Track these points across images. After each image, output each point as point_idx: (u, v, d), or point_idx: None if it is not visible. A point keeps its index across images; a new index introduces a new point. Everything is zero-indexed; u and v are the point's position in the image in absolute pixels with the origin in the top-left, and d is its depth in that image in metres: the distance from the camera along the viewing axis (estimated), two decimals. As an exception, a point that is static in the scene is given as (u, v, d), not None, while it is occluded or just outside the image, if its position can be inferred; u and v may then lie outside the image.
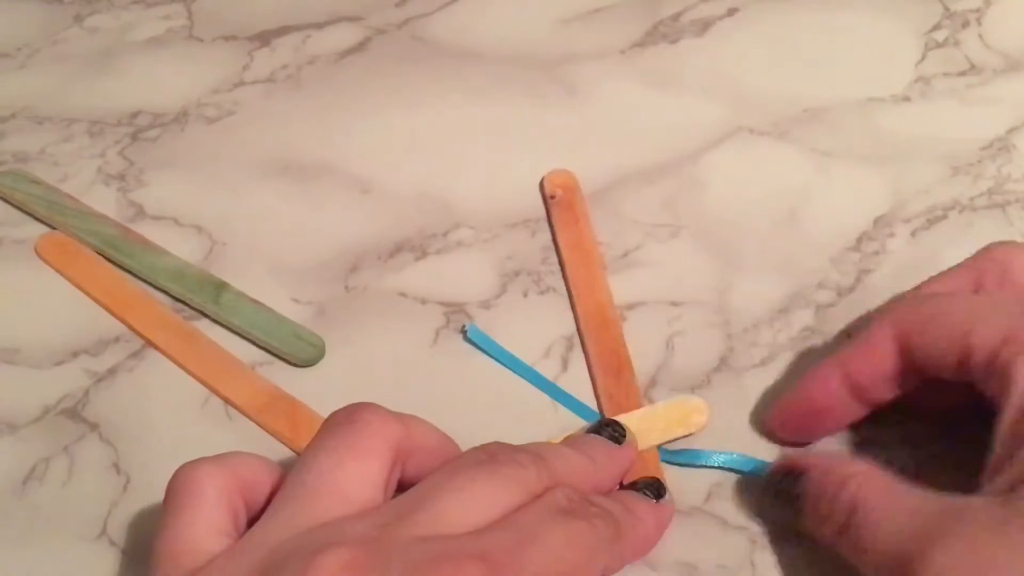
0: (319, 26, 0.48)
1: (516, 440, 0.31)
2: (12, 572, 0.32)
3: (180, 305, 0.38)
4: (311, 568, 0.24)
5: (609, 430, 0.32)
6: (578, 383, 0.36)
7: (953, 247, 0.39)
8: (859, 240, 0.39)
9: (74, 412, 0.36)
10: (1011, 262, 0.31)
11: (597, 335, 0.36)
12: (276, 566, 0.25)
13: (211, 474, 0.28)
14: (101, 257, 0.39)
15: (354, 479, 0.27)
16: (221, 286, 0.38)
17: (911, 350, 0.30)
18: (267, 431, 0.35)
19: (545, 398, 0.35)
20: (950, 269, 0.32)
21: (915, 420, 0.33)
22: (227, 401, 0.36)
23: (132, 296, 0.38)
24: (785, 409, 0.33)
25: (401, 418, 0.28)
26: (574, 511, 0.27)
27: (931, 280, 0.33)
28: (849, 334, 0.36)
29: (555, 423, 0.35)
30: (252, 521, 0.27)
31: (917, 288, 0.33)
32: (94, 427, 0.35)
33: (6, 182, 0.42)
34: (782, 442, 0.33)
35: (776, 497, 0.31)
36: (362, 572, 0.24)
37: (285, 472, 0.28)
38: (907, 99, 0.44)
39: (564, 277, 0.38)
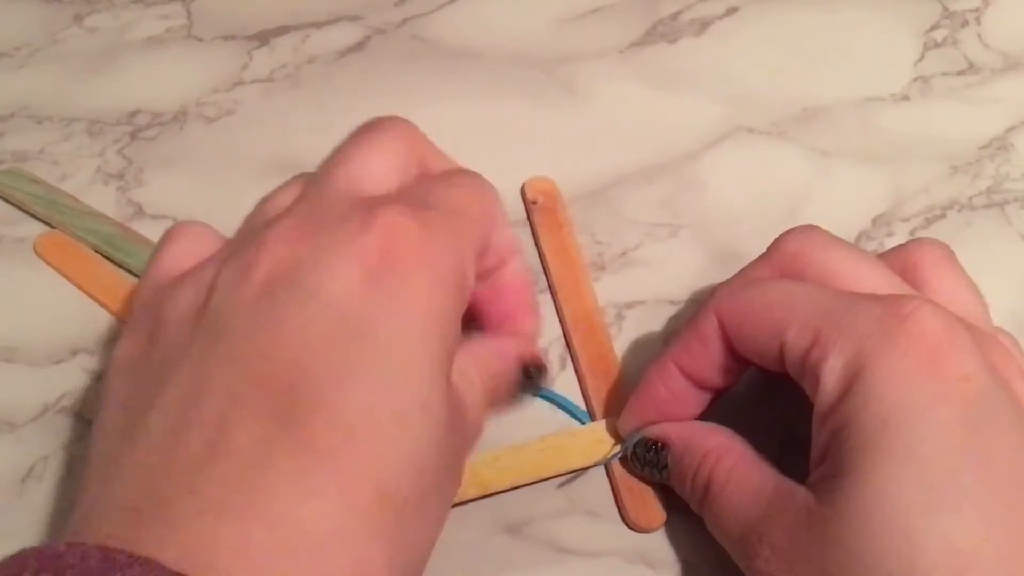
0: (318, 25, 0.48)
1: (514, 440, 0.31)
2: (11, 571, 0.32)
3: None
4: (371, 215, 0.26)
5: None
6: (577, 382, 0.36)
7: (952, 246, 0.39)
8: (858, 239, 0.39)
9: (73, 411, 0.36)
10: (805, 256, 0.30)
11: (585, 340, 0.36)
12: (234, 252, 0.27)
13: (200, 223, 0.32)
14: (100, 256, 0.39)
15: (376, 171, 0.29)
16: None
17: (735, 342, 0.29)
18: None
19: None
20: (756, 260, 0.32)
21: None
22: None
23: (131, 295, 0.38)
24: (634, 410, 0.32)
25: (422, 133, 0.32)
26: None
27: (748, 267, 0.32)
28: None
29: (552, 422, 0.35)
30: None
31: (741, 273, 0.31)
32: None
33: (5, 181, 0.42)
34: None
35: (644, 467, 0.32)
36: (418, 235, 0.26)
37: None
38: (906, 99, 0.44)
39: (548, 283, 0.38)
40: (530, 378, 0.31)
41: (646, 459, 0.32)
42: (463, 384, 0.28)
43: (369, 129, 0.31)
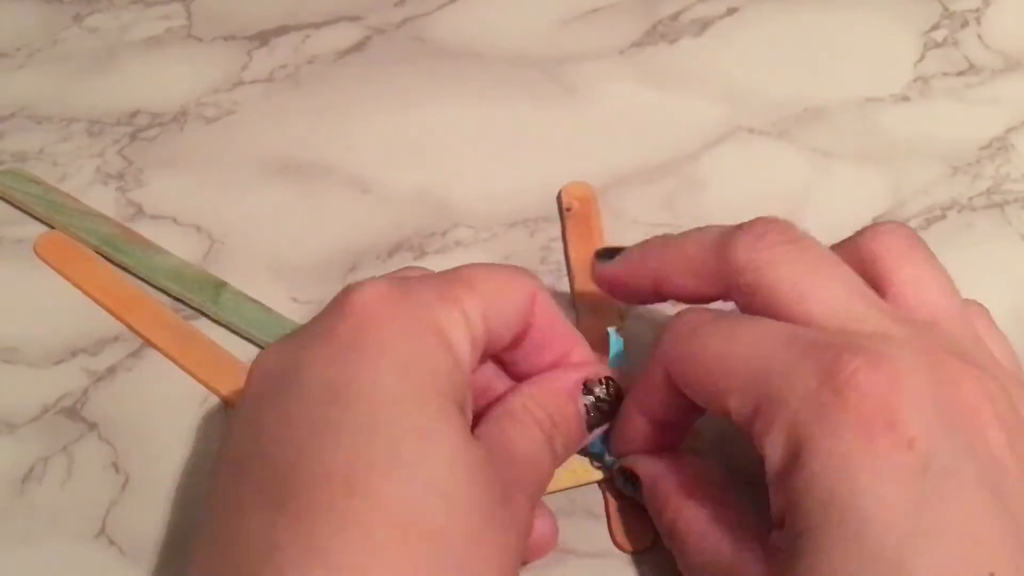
0: (318, 26, 0.48)
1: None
2: (11, 572, 0.32)
3: (179, 304, 0.38)
4: (346, 299, 0.27)
5: None
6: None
7: (952, 247, 0.39)
8: (858, 240, 0.39)
9: (73, 411, 0.36)
10: (752, 271, 0.28)
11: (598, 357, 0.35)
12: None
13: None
14: (100, 257, 0.39)
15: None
16: (220, 285, 0.38)
17: (685, 392, 0.28)
18: None
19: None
20: (708, 266, 0.29)
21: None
22: (226, 401, 0.36)
23: (131, 296, 0.38)
24: (616, 441, 0.32)
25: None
26: None
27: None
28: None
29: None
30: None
31: (681, 314, 0.29)
32: (93, 426, 0.35)
33: (5, 181, 0.42)
34: None
35: (624, 489, 0.32)
36: (390, 299, 0.27)
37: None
38: (906, 99, 0.44)
39: (571, 292, 0.38)
40: (599, 399, 0.30)
41: (625, 487, 0.32)
42: (502, 431, 0.28)
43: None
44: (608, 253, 0.33)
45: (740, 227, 0.29)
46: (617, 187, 0.41)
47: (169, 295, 0.38)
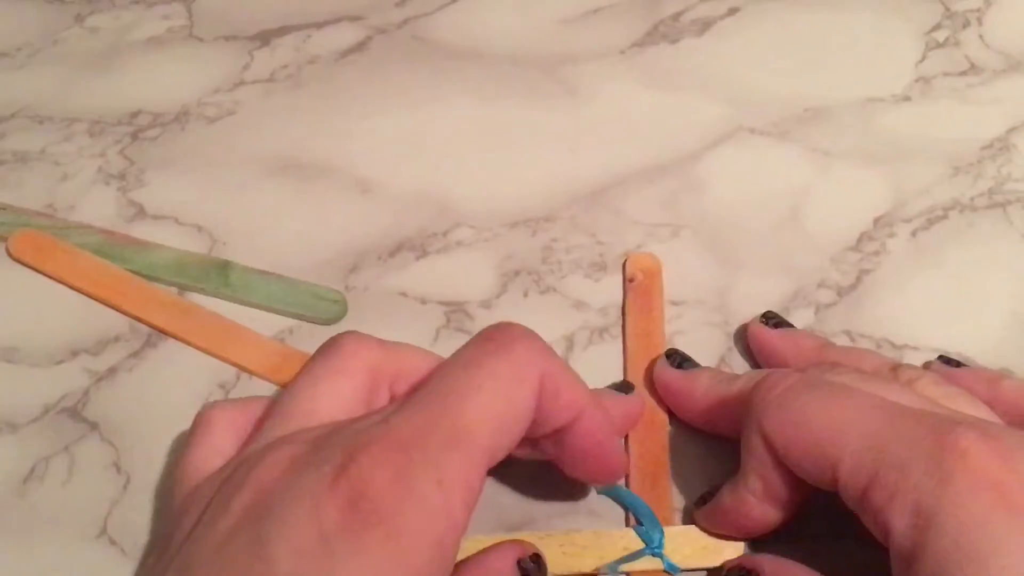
0: (319, 26, 0.48)
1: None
2: (12, 571, 0.32)
3: (177, 287, 0.38)
4: (256, 466, 0.26)
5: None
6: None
7: (953, 247, 0.39)
8: (859, 240, 0.39)
9: (74, 411, 0.36)
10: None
11: (643, 436, 0.34)
12: (229, 475, 0.27)
13: (222, 408, 0.30)
14: (80, 248, 0.39)
15: (324, 397, 0.28)
16: (226, 266, 0.38)
17: (786, 462, 0.28)
18: None
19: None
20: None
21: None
22: (239, 367, 0.36)
23: (121, 281, 0.38)
24: (714, 525, 0.31)
25: (382, 342, 0.29)
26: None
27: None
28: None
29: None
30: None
31: (771, 375, 0.30)
32: (94, 426, 0.35)
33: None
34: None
35: None
36: (300, 463, 0.25)
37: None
38: (907, 99, 0.44)
39: (624, 363, 0.36)
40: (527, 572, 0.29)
41: None
42: None
43: (320, 353, 0.29)
44: (677, 358, 0.34)
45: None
46: (618, 187, 0.41)
47: (179, 289, 0.39)
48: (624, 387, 0.34)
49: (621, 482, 0.33)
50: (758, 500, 0.29)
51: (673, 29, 0.47)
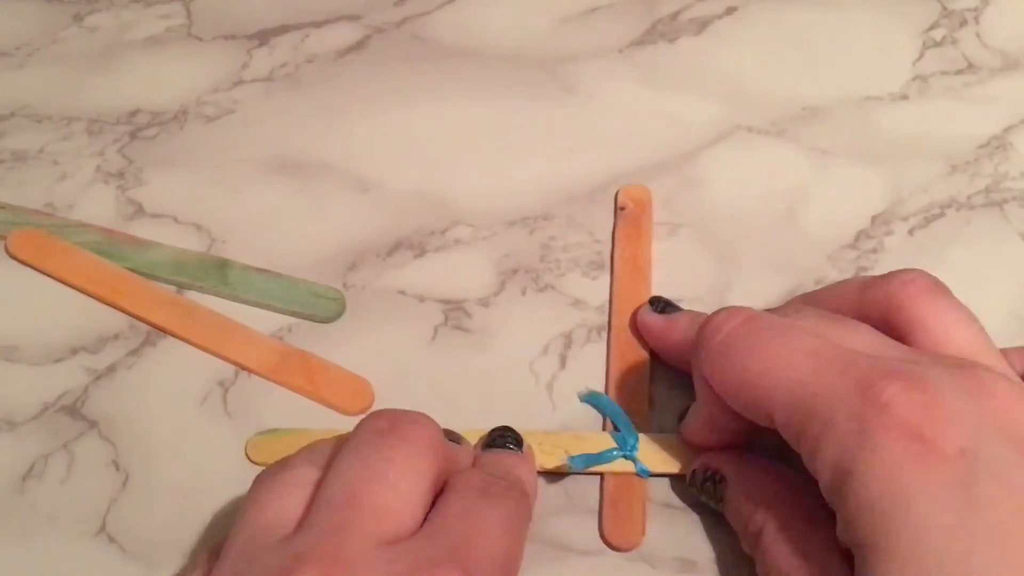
0: (318, 25, 0.48)
1: (528, 426, 0.31)
2: (11, 569, 0.32)
3: (176, 285, 0.38)
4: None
5: (503, 439, 0.32)
6: (576, 381, 0.36)
7: (951, 245, 0.39)
8: (857, 238, 0.40)
9: (73, 409, 0.36)
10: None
11: (623, 351, 0.36)
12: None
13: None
14: (79, 247, 0.39)
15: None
16: (224, 265, 0.39)
17: (730, 404, 0.29)
18: (286, 388, 0.36)
19: (543, 395, 0.35)
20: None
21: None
22: (238, 366, 0.36)
23: (120, 280, 0.38)
24: (686, 440, 0.33)
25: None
26: (490, 491, 0.28)
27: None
28: None
29: (553, 420, 0.35)
30: None
31: (711, 320, 0.30)
32: (93, 424, 0.35)
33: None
34: None
35: (701, 492, 0.32)
36: None
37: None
38: (905, 97, 0.44)
39: (610, 289, 0.38)
40: None
41: (703, 487, 0.31)
42: None
43: (393, 435, 0.28)
44: (661, 304, 0.35)
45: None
46: (616, 185, 0.41)
47: (178, 287, 0.39)
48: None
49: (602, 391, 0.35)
50: (709, 430, 0.31)
51: (671, 28, 0.47)
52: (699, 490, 0.32)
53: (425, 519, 0.27)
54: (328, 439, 0.29)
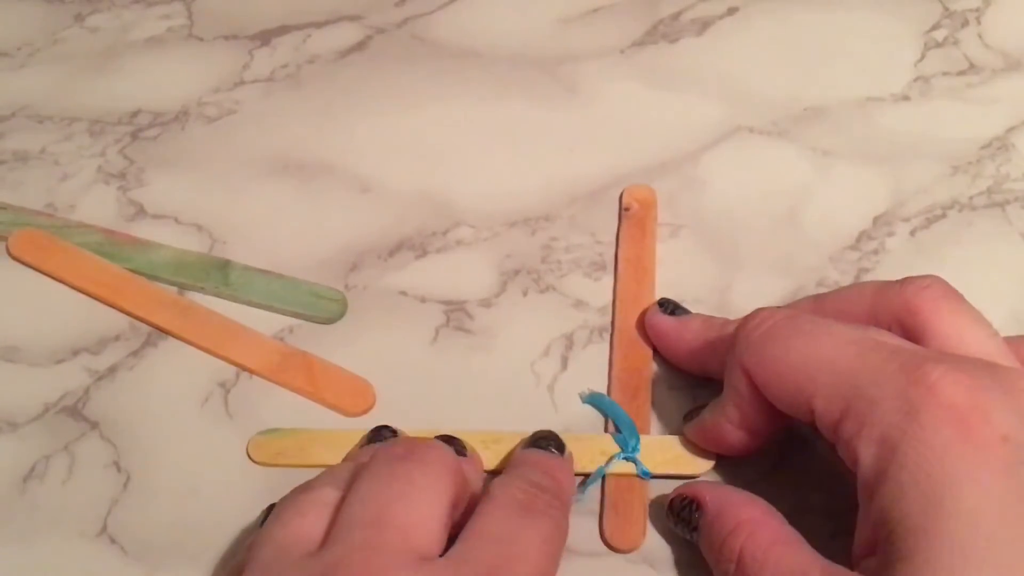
0: (319, 25, 0.48)
1: (527, 428, 0.31)
2: (12, 570, 0.32)
3: (177, 286, 0.38)
4: None
5: (546, 442, 0.32)
6: (577, 382, 0.36)
7: (952, 246, 0.39)
8: (858, 239, 0.39)
9: (74, 410, 0.36)
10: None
11: (626, 351, 0.36)
12: None
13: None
14: (80, 248, 0.39)
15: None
16: (225, 265, 0.39)
17: (767, 396, 0.29)
18: (287, 389, 0.36)
19: (545, 396, 0.35)
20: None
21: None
22: (240, 367, 0.36)
23: (121, 281, 0.38)
24: (695, 440, 0.33)
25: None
26: (532, 506, 0.28)
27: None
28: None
29: (554, 421, 0.35)
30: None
31: (755, 315, 0.31)
32: (94, 425, 0.35)
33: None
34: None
35: (677, 522, 0.31)
36: None
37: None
38: (906, 98, 0.44)
39: (614, 290, 0.38)
40: None
41: (680, 516, 0.31)
42: None
43: (410, 459, 0.28)
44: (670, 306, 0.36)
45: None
46: (617, 186, 0.41)
47: (179, 288, 0.39)
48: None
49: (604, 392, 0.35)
50: (734, 427, 0.31)
51: (672, 28, 0.47)
52: (676, 519, 0.31)
53: (448, 539, 0.27)
54: (346, 464, 0.30)
